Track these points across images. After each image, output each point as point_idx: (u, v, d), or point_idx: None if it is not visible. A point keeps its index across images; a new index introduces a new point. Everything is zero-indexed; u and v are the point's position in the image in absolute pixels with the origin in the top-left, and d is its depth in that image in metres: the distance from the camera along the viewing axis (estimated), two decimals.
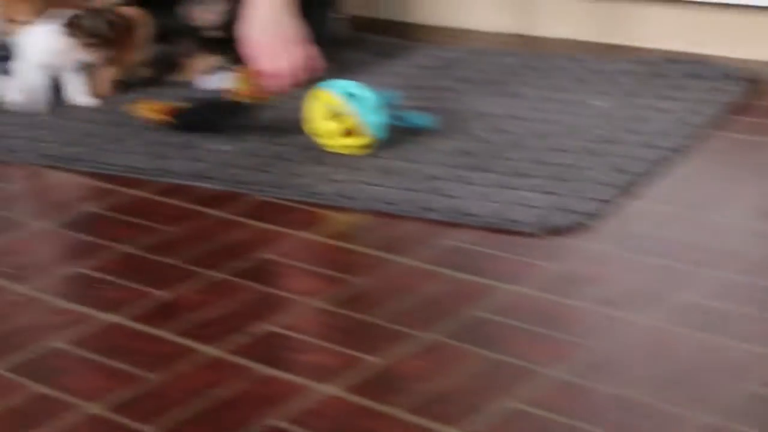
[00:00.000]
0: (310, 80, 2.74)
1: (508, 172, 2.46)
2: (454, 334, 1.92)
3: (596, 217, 2.28)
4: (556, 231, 2.23)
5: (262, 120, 2.74)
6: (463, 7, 3.50)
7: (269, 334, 1.94)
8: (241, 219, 2.35)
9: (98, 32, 2.87)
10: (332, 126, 2.57)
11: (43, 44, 2.88)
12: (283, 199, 2.42)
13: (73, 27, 2.86)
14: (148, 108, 2.72)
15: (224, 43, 2.93)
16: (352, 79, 2.64)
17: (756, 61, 3.10)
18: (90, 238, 2.29)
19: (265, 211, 2.38)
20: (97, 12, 2.90)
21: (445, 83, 3.01)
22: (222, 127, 2.69)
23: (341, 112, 2.56)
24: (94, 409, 1.75)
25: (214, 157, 2.61)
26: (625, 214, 2.30)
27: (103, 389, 1.80)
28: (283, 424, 1.70)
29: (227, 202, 2.43)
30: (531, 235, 2.23)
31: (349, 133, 2.57)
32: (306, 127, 2.63)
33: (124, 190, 2.51)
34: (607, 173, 2.44)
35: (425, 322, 1.95)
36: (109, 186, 2.53)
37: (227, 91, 2.76)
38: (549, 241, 2.21)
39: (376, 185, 2.43)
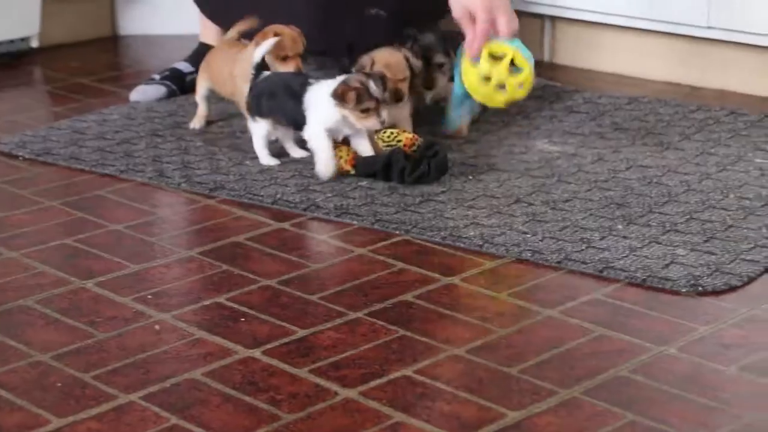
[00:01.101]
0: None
1: (660, 226, 2.40)
2: (593, 392, 1.86)
3: (748, 279, 2.20)
4: (707, 291, 2.16)
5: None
6: (620, 53, 3.44)
7: (405, 380, 1.91)
8: (385, 258, 2.33)
9: (372, 98, 2.61)
10: (493, 72, 2.71)
11: (323, 112, 2.65)
12: (429, 241, 2.40)
13: (343, 98, 2.61)
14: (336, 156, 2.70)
15: None
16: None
17: None
18: (231, 269, 2.30)
19: (409, 251, 2.36)
20: (367, 76, 2.65)
21: (598, 130, 2.96)
22: (396, 178, 2.64)
23: (504, 52, 2.70)
24: None
25: (362, 194, 2.59)
26: None
27: (239, 427, 1.80)
28: None
29: (371, 240, 2.41)
30: (680, 293, 2.16)
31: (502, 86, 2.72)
32: (466, 81, 2.74)
33: (269, 221, 2.51)
34: (763, 234, 2.36)
35: (565, 378, 1.90)
36: (255, 216, 2.53)
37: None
38: (698, 301, 2.15)
39: (523, 232, 2.39)
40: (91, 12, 3.81)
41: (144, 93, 3.22)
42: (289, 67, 2.83)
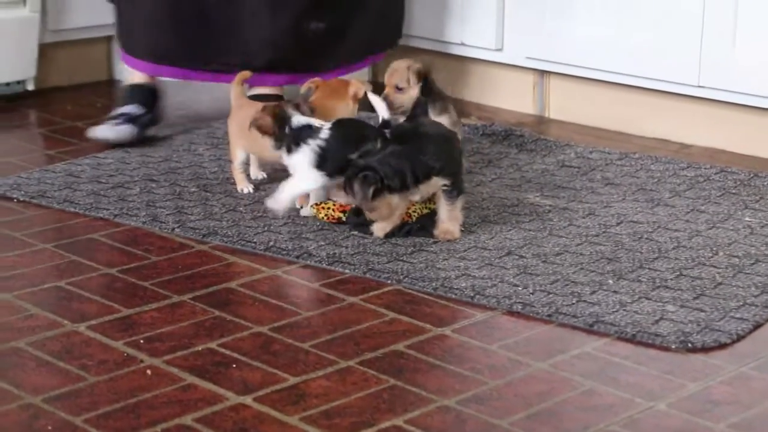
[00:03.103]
0: None
1: (650, 282, 2.42)
2: None
3: (737, 336, 2.22)
4: (696, 348, 2.17)
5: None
6: (611, 108, 3.47)
7: (395, 429, 1.92)
8: (377, 308, 2.34)
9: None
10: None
11: None
12: (420, 291, 2.41)
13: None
14: (323, 208, 2.73)
15: None
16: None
17: None
18: (223, 315, 2.30)
19: (401, 301, 2.37)
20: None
21: (590, 185, 2.98)
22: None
23: None
24: None
25: (354, 243, 2.61)
26: (766, 336, 2.24)
27: None
28: None
29: (363, 288, 2.42)
30: (670, 349, 2.18)
31: None
32: None
33: (261, 268, 2.52)
34: (752, 292, 2.38)
35: None
36: (247, 263, 2.54)
37: None
38: (687, 357, 2.16)
39: (514, 284, 2.41)
40: (88, 56, 3.83)
41: (117, 131, 3.16)
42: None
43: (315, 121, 2.68)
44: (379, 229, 2.62)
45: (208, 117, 3.47)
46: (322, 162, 2.65)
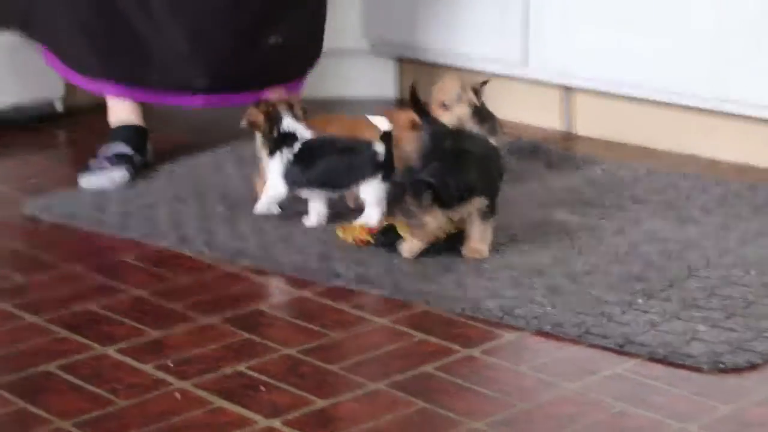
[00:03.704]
0: None
1: (681, 302, 2.40)
2: None
3: None
4: (728, 369, 2.16)
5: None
6: (638, 124, 3.46)
7: None
8: (405, 329, 2.34)
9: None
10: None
11: None
12: (449, 312, 2.40)
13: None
14: (350, 231, 2.73)
15: None
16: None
17: None
18: (252, 337, 2.30)
19: (429, 322, 2.36)
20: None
21: (618, 202, 2.97)
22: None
23: None
24: None
25: (382, 263, 2.60)
26: None
27: None
28: None
29: (392, 309, 2.42)
30: (701, 370, 2.16)
31: None
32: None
33: (289, 288, 2.52)
34: None
35: None
36: (275, 284, 2.54)
37: None
38: (719, 378, 2.14)
39: (543, 305, 2.39)
40: None
41: (112, 179, 3.07)
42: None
43: (302, 130, 2.78)
44: (407, 249, 2.61)
45: (233, 136, 3.47)
46: (287, 173, 2.75)
